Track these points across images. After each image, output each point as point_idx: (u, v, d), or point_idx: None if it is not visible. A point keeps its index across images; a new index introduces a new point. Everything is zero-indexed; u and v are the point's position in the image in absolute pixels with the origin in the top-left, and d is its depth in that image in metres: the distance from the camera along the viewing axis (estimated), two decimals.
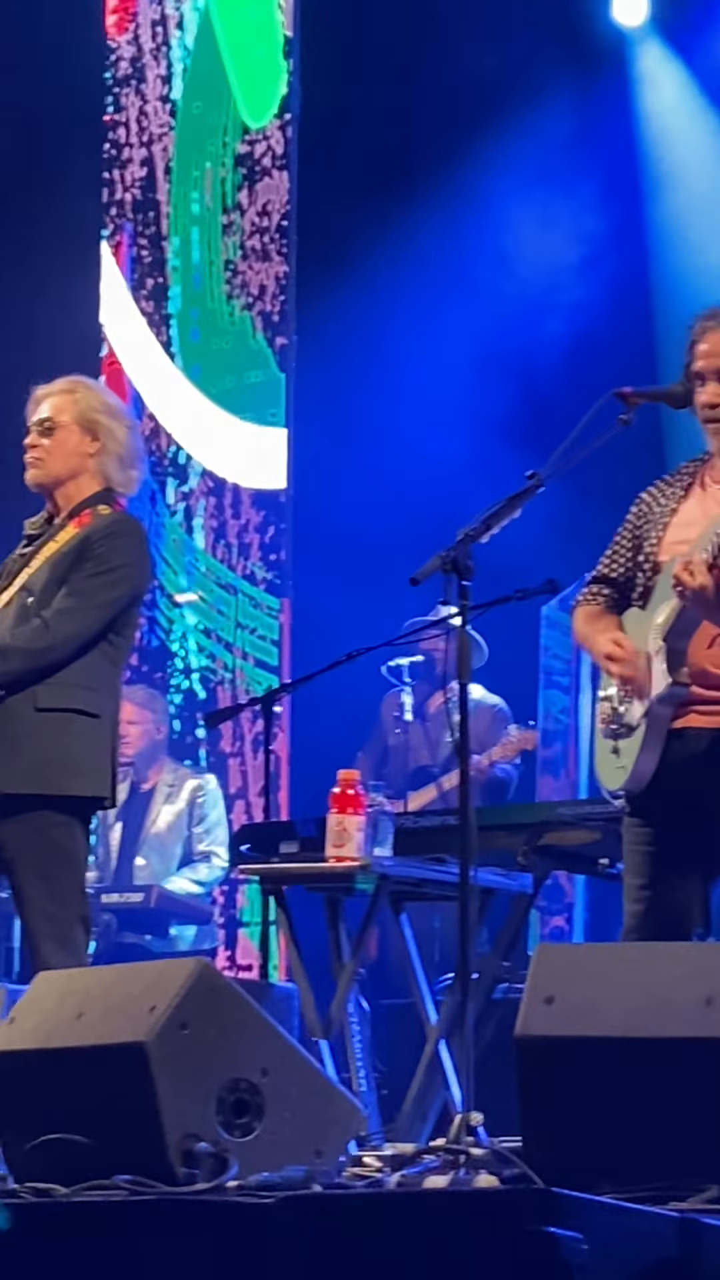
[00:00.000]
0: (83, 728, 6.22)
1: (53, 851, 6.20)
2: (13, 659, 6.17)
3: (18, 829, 6.19)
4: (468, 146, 10.89)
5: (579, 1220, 2.79)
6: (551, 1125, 4.20)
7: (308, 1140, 4.47)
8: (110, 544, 6.31)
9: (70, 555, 6.27)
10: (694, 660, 5.51)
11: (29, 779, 6.16)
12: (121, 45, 11.50)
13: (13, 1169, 4.55)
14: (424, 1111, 7.01)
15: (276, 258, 10.78)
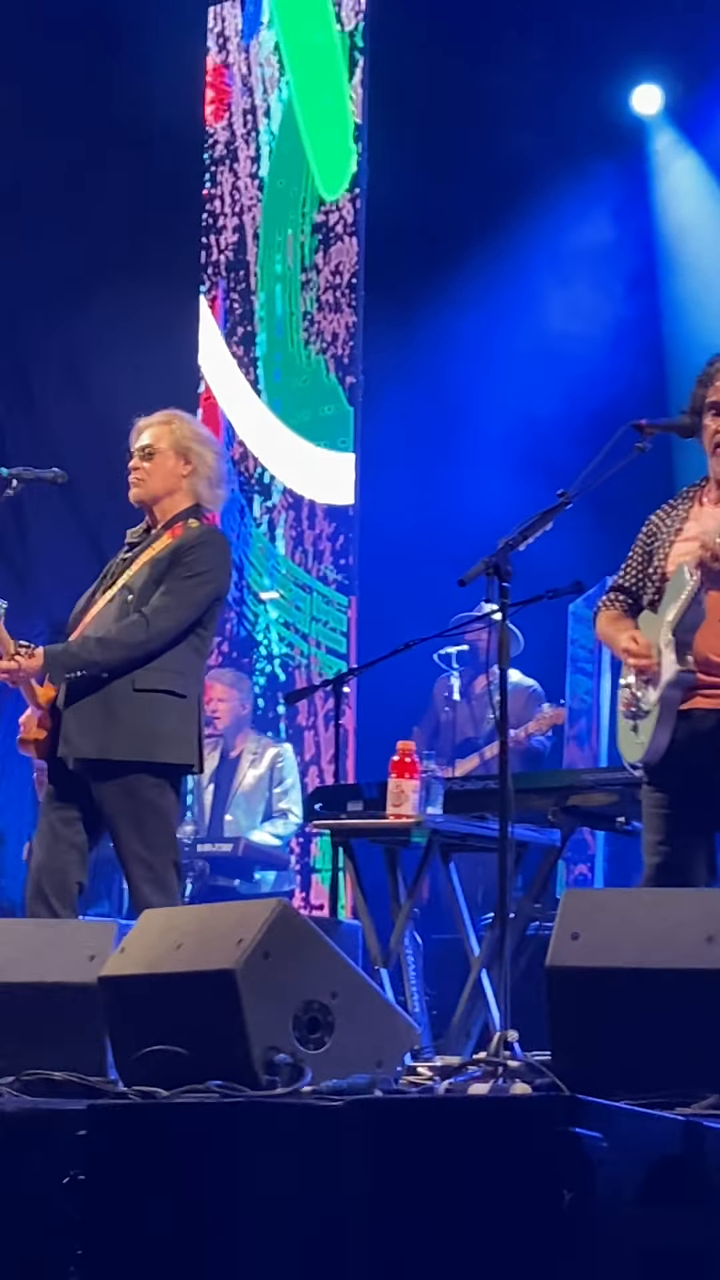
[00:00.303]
0: (173, 706, 6.24)
1: (148, 809, 6.21)
2: (115, 649, 6.19)
3: (117, 790, 6.20)
4: (508, 217, 10.88)
5: (599, 1123, 2.78)
6: (576, 1042, 4.18)
7: (370, 1053, 4.46)
8: (199, 552, 6.32)
9: (166, 560, 6.29)
10: (699, 650, 5.50)
11: (127, 748, 6.18)
12: (218, 131, 11.50)
13: (122, 1075, 4.55)
14: (468, 1029, 7.00)
15: (346, 310, 10.76)
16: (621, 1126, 2.84)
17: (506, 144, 11.07)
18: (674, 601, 5.52)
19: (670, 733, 5.53)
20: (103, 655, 6.19)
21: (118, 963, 4.70)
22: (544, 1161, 2.76)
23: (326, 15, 11.02)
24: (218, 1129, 3.32)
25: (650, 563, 5.70)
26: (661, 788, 5.63)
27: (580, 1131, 2.76)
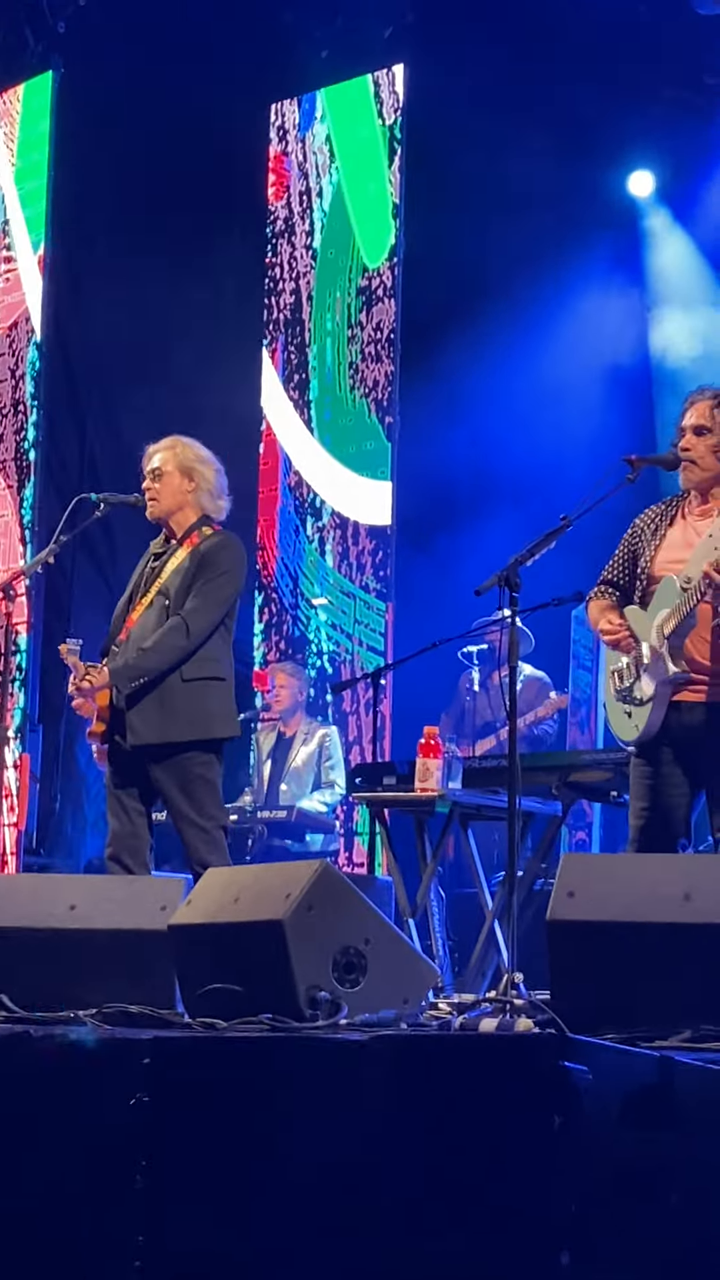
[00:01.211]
0: (216, 689, 6.32)
1: (199, 782, 6.25)
2: (164, 653, 6.26)
3: (174, 768, 6.24)
4: (523, 281, 10.87)
5: (586, 1058, 2.77)
6: (572, 984, 4.18)
7: (398, 991, 4.45)
8: (218, 555, 6.39)
9: (192, 568, 6.33)
10: (688, 653, 5.56)
11: (185, 730, 6.24)
12: (278, 209, 11.49)
13: (188, 1008, 4.55)
14: (483, 971, 6.99)
15: (386, 360, 10.74)
16: (605, 1061, 2.83)
17: (522, 220, 11.06)
18: (665, 608, 5.55)
19: (661, 719, 5.58)
20: (155, 661, 6.23)
21: (185, 913, 4.70)
22: (538, 1091, 2.75)
23: (370, 112, 11.01)
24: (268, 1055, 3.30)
25: (636, 562, 5.75)
26: (649, 762, 5.69)
27: (569, 1065, 2.74)
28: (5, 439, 11.27)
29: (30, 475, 11.09)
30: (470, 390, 10.79)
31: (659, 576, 5.65)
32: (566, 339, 10.91)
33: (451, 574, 9.71)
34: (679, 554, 5.63)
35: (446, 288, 10.99)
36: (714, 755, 5.53)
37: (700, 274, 11.40)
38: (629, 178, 11.47)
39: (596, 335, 11.04)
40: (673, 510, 5.80)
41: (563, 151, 11.05)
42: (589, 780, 7.08)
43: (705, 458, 5.68)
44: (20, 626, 10.68)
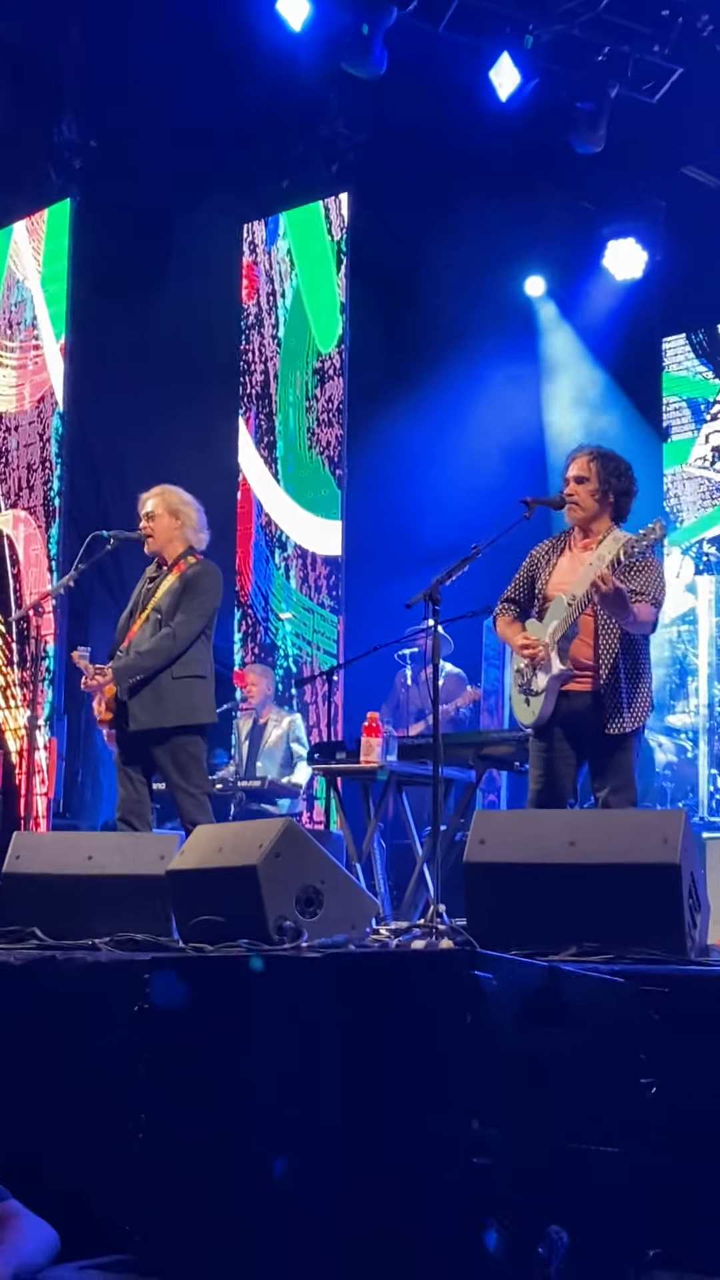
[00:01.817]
0: (200, 685, 6.32)
1: (188, 758, 6.25)
2: (157, 656, 6.28)
3: (169, 748, 6.23)
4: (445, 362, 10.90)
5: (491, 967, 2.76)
6: (483, 913, 4.18)
7: (347, 920, 4.44)
8: (201, 579, 6.41)
9: (180, 589, 6.34)
10: (573, 654, 5.56)
11: (175, 717, 6.23)
12: (249, 307, 11.47)
13: (182, 936, 4.54)
14: (414, 903, 6.99)
15: (336, 426, 10.72)
16: (507, 970, 2.82)
17: (442, 314, 11.12)
18: (556, 620, 5.57)
19: (553, 705, 5.58)
20: (150, 662, 6.23)
21: (179, 861, 4.68)
22: (454, 994, 2.75)
23: (321, 230, 11.00)
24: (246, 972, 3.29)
25: (534, 585, 5.77)
26: (543, 739, 5.68)
27: (479, 974, 2.74)
28: (35, 489, 11.21)
29: (55, 518, 11.04)
30: (403, 449, 10.83)
31: (552, 596, 5.68)
32: (478, 407, 10.95)
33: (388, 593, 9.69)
34: (567, 578, 5.67)
35: (383, 369, 11.03)
36: (595, 733, 5.55)
37: (580, 356, 11.46)
38: (525, 281, 11.52)
39: (502, 404, 11.08)
40: (562, 544, 5.83)
41: (473, 259, 11.10)
42: (497, 754, 7.08)
43: (585, 500, 5.72)
44: (48, 637, 10.61)
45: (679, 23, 9.25)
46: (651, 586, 5.55)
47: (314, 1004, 2.97)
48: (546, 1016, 2.82)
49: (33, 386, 11.41)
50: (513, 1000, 2.76)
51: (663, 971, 3.33)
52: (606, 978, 3.08)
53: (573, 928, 3.95)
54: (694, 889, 4.07)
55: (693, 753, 9.74)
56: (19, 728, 10.69)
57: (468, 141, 10.16)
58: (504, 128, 9.88)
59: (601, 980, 3.06)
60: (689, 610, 10.21)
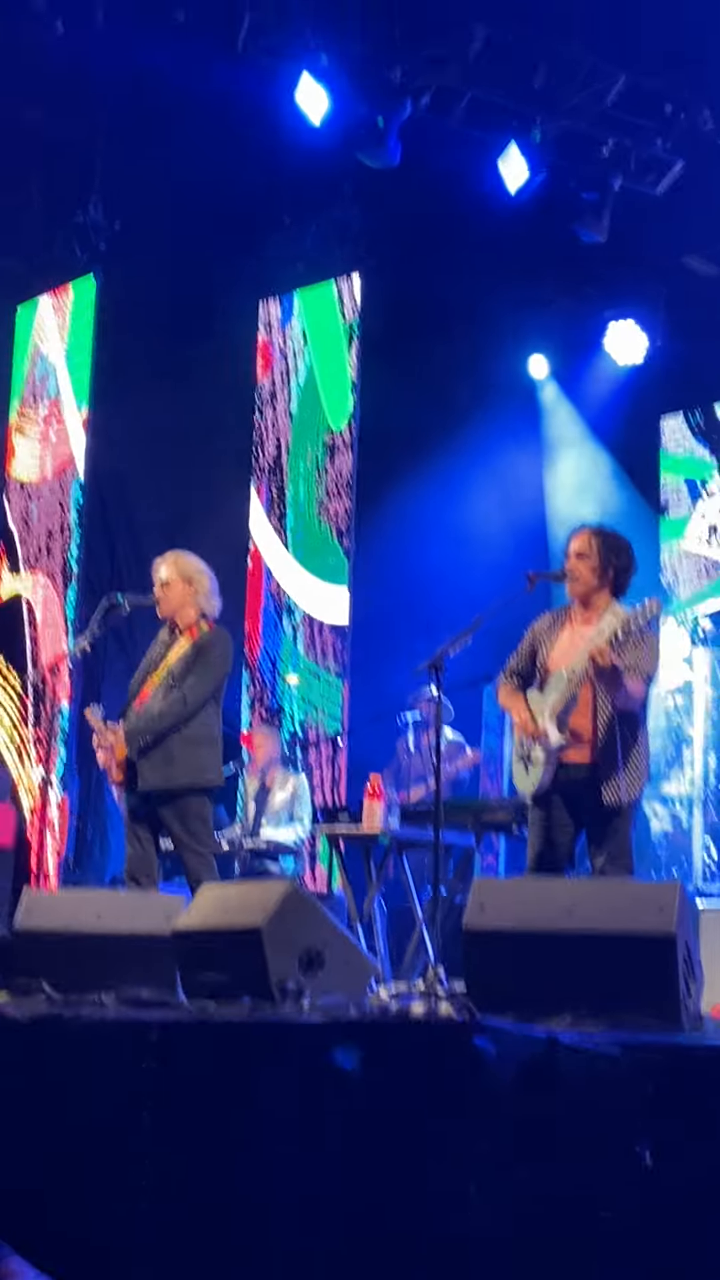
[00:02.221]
0: (208, 747, 6.29)
1: (196, 818, 6.21)
2: (167, 719, 6.22)
3: (177, 807, 6.19)
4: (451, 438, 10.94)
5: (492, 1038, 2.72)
6: (482, 977, 4.14)
7: (348, 982, 4.40)
8: (213, 647, 6.36)
9: (192, 654, 6.31)
10: (572, 726, 5.54)
11: (184, 778, 6.19)
12: (264, 383, 11.53)
13: (187, 994, 4.50)
14: (414, 965, 6.94)
15: (345, 498, 10.78)
16: (505, 1040, 2.79)
17: (450, 391, 11.18)
18: (556, 692, 5.56)
19: (551, 775, 5.55)
20: (160, 724, 6.19)
21: (185, 920, 4.65)
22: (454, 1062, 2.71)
23: (334, 310, 11.09)
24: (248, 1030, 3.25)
25: (535, 656, 5.75)
26: (542, 808, 5.63)
27: (479, 1042, 2.71)
28: (54, 554, 11.24)
29: (73, 582, 11.06)
30: (409, 521, 10.84)
31: (552, 669, 5.67)
32: (482, 482, 10.98)
33: (394, 660, 9.70)
34: (568, 652, 5.66)
35: (391, 444, 11.06)
36: (592, 803, 5.52)
37: (581, 434, 11.50)
38: (529, 362, 11.58)
39: (505, 479, 11.10)
40: (562, 617, 5.81)
41: (479, 341, 11.17)
42: (496, 819, 7.05)
43: (585, 575, 5.72)
44: (63, 696, 10.63)
45: (681, 119, 9.35)
46: (644, 661, 5.54)
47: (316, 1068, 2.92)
48: (544, 1086, 2.78)
49: (55, 456, 11.47)
50: (511, 1069, 2.72)
51: (659, 1042, 3.29)
52: (604, 1049, 3.04)
53: (569, 994, 3.90)
54: (689, 959, 4.03)
55: (687, 822, 9.69)
56: (33, 784, 10.66)
57: (476, 228, 10.24)
58: (511, 216, 9.96)
59: (599, 1051, 3.02)
60: (685, 682, 10.19)
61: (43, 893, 6.33)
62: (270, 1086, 3.04)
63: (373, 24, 9.51)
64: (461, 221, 10.28)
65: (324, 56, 9.62)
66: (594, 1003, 3.83)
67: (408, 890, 7.35)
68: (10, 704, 11.19)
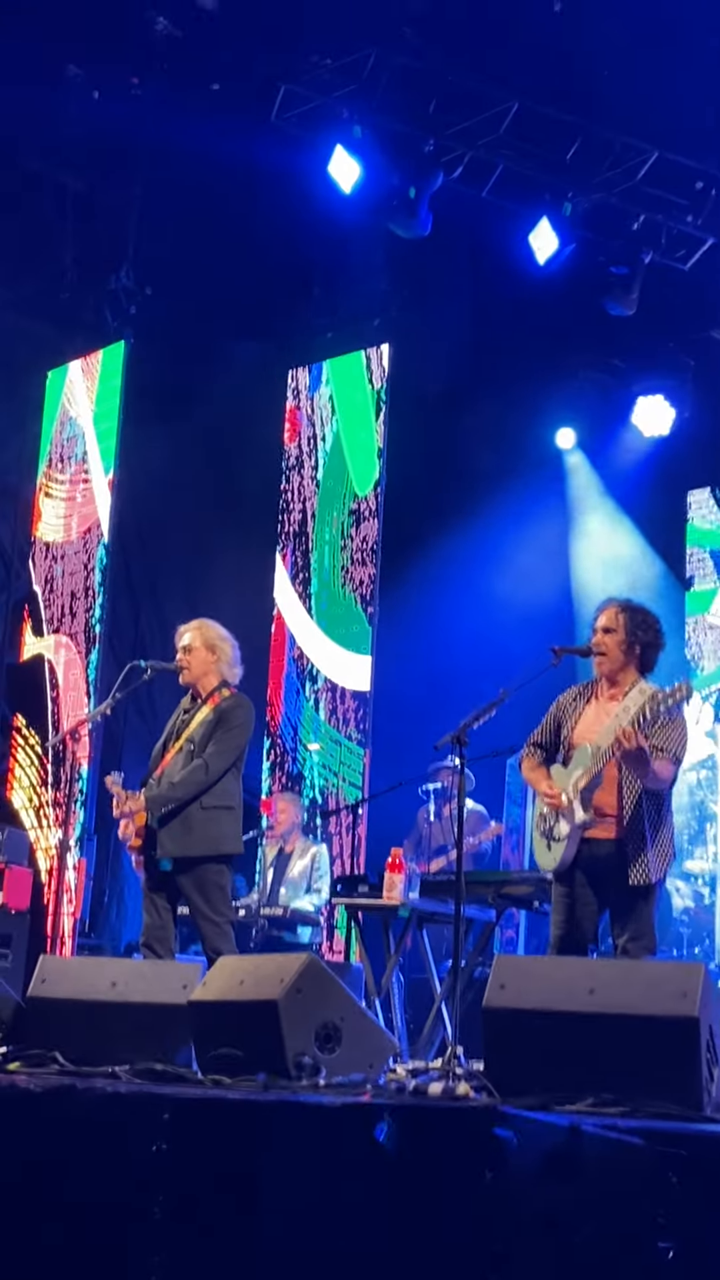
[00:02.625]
0: (227, 815, 6.27)
1: (214, 888, 6.17)
2: (188, 787, 6.22)
3: (195, 876, 6.16)
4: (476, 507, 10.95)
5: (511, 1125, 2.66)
6: (501, 1057, 4.08)
7: (365, 1058, 4.35)
8: (234, 713, 6.35)
9: (214, 721, 6.30)
10: (597, 802, 5.48)
11: (201, 847, 6.17)
12: (291, 449, 11.57)
13: (201, 1067, 4.43)
14: (431, 1042, 6.85)
15: (370, 565, 10.77)
16: (527, 1128, 2.73)
17: (477, 461, 11.20)
18: (581, 768, 5.52)
19: (575, 852, 5.50)
20: (181, 792, 6.18)
21: (201, 992, 4.60)
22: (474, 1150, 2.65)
23: (362, 379, 11.13)
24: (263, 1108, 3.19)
25: (560, 731, 5.71)
26: (565, 884, 5.58)
27: (499, 1131, 2.65)
28: (78, 616, 11.25)
29: (95, 645, 11.06)
30: (435, 590, 10.84)
31: (577, 744, 5.62)
32: (508, 552, 10.97)
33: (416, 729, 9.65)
34: (593, 727, 5.62)
35: (418, 512, 11.08)
36: (617, 881, 5.46)
37: (607, 506, 11.50)
38: (556, 433, 11.60)
39: (530, 550, 11.10)
40: (588, 693, 5.78)
41: (507, 412, 11.19)
42: (517, 893, 6.98)
43: (612, 650, 5.69)
44: (83, 760, 10.60)
45: (712, 195, 9.40)
46: (673, 743, 5.49)
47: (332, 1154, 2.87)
48: (566, 1176, 2.72)
49: (80, 518, 11.50)
50: (533, 1159, 2.67)
51: (682, 1130, 3.22)
52: (626, 1138, 2.98)
53: (590, 1077, 3.84)
54: (712, 1043, 3.96)
55: (710, 899, 9.58)
56: (50, 847, 10.61)
57: (505, 300, 10.30)
58: (541, 288, 10.01)
59: (621, 1141, 2.96)
60: (708, 756, 10.12)
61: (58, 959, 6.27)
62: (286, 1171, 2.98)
63: (406, 95, 9.61)
64: (491, 293, 10.34)
65: (358, 129, 9.71)
66: (615, 1086, 3.76)
67: (426, 963, 7.27)
68: (30, 766, 11.16)
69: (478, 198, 9.79)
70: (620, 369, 11.27)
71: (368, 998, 6.84)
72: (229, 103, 9.87)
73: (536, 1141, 2.69)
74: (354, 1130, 2.85)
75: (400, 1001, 7.21)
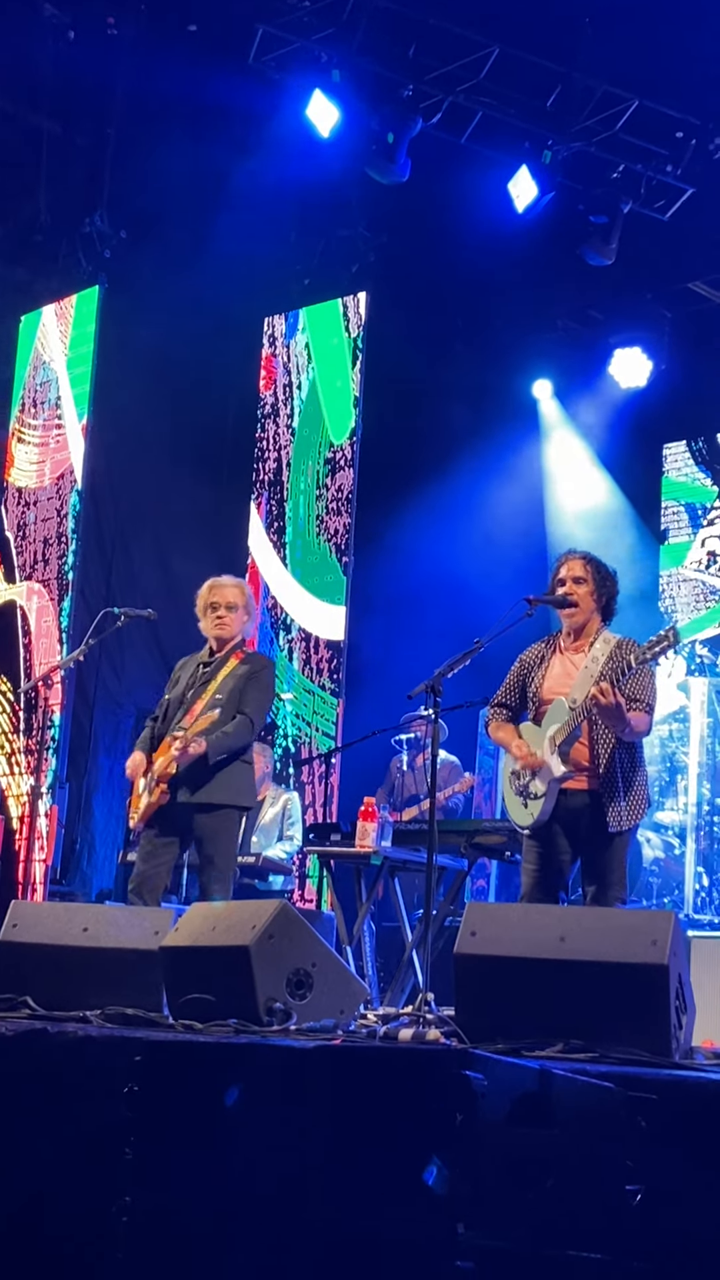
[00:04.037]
0: (247, 770, 6.42)
1: (225, 835, 6.24)
2: (239, 737, 6.27)
3: (214, 822, 6.19)
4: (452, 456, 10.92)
5: (482, 1068, 2.67)
6: (472, 1004, 4.09)
7: (336, 1004, 4.36)
8: (265, 674, 6.44)
9: (245, 677, 6.30)
10: (573, 756, 5.47)
11: (224, 795, 6.22)
12: (266, 397, 11.49)
13: (172, 1013, 4.45)
14: (402, 989, 6.89)
15: (345, 514, 10.71)
16: (497, 1070, 2.74)
17: (453, 410, 11.18)
18: (556, 722, 5.52)
19: (552, 807, 5.51)
20: (232, 743, 6.23)
21: (173, 937, 4.60)
22: (444, 1094, 2.66)
23: (339, 327, 11.05)
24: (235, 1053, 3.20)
25: (526, 688, 5.71)
26: (537, 839, 5.60)
27: (469, 1074, 2.65)
28: (51, 563, 11.19)
29: (68, 592, 11.01)
30: (409, 539, 10.82)
31: (549, 699, 5.63)
32: (483, 502, 10.96)
33: (389, 679, 9.66)
34: (563, 681, 5.63)
35: (393, 461, 11.03)
36: (592, 830, 5.48)
37: (583, 458, 11.49)
38: (533, 383, 11.57)
39: (505, 501, 11.09)
40: (550, 647, 5.78)
41: (484, 361, 11.17)
42: (489, 842, 7.00)
43: (585, 601, 5.70)
44: (55, 707, 10.57)
45: (692, 145, 9.34)
46: (646, 693, 5.51)
47: (301, 1096, 2.88)
48: (536, 1119, 2.73)
49: (53, 464, 11.43)
50: (503, 1102, 2.67)
51: (650, 1076, 3.24)
52: (596, 1082, 2.99)
53: (559, 1023, 3.86)
54: (681, 990, 3.99)
55: (680, 850, 9.64)
56: (22, 794, 10.60)
57: (484, 248, 10.23)
58: (519, 237, 9.95)
59: (591, 1085, 2.97)
60: (680, 709, 10.16)
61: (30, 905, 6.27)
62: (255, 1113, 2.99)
63: (385, 39, 9.51)
64: (469, 241, 10.27)
65: (336, 73, 9.61)
66: (584, 1032, 3.79)
67: (397, 910, 7.29)
68: (2, 713, 11.13)
69: (457, 144, 9.71)
70: (597, 320, 11.24)
71: (339, 946, 6.86)
72: (206, 45, 9.75)
73: (506, 1085, 2.70)
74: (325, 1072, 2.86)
75: (371, 949, 7.24)
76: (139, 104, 10.26)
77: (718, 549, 10.76)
